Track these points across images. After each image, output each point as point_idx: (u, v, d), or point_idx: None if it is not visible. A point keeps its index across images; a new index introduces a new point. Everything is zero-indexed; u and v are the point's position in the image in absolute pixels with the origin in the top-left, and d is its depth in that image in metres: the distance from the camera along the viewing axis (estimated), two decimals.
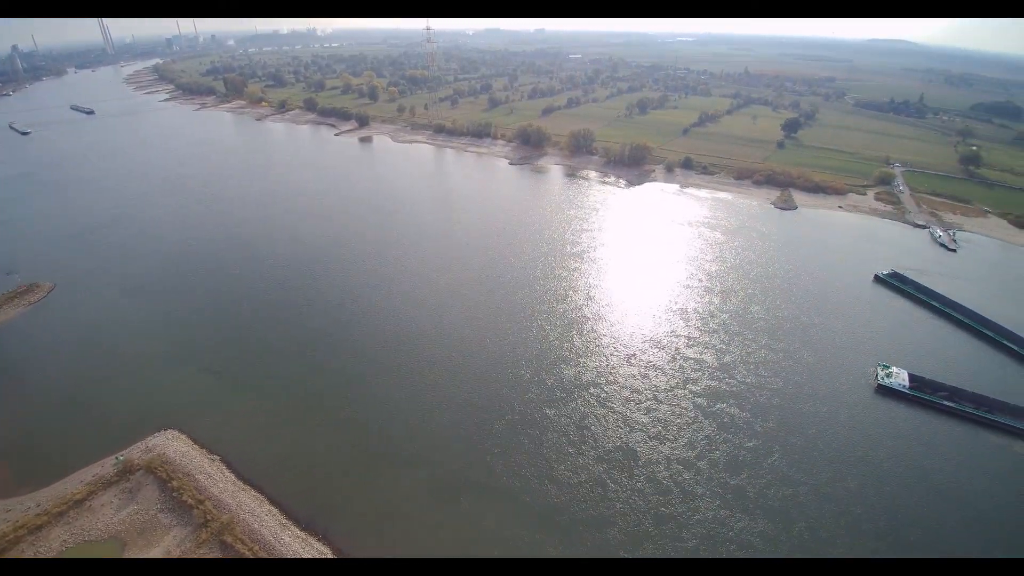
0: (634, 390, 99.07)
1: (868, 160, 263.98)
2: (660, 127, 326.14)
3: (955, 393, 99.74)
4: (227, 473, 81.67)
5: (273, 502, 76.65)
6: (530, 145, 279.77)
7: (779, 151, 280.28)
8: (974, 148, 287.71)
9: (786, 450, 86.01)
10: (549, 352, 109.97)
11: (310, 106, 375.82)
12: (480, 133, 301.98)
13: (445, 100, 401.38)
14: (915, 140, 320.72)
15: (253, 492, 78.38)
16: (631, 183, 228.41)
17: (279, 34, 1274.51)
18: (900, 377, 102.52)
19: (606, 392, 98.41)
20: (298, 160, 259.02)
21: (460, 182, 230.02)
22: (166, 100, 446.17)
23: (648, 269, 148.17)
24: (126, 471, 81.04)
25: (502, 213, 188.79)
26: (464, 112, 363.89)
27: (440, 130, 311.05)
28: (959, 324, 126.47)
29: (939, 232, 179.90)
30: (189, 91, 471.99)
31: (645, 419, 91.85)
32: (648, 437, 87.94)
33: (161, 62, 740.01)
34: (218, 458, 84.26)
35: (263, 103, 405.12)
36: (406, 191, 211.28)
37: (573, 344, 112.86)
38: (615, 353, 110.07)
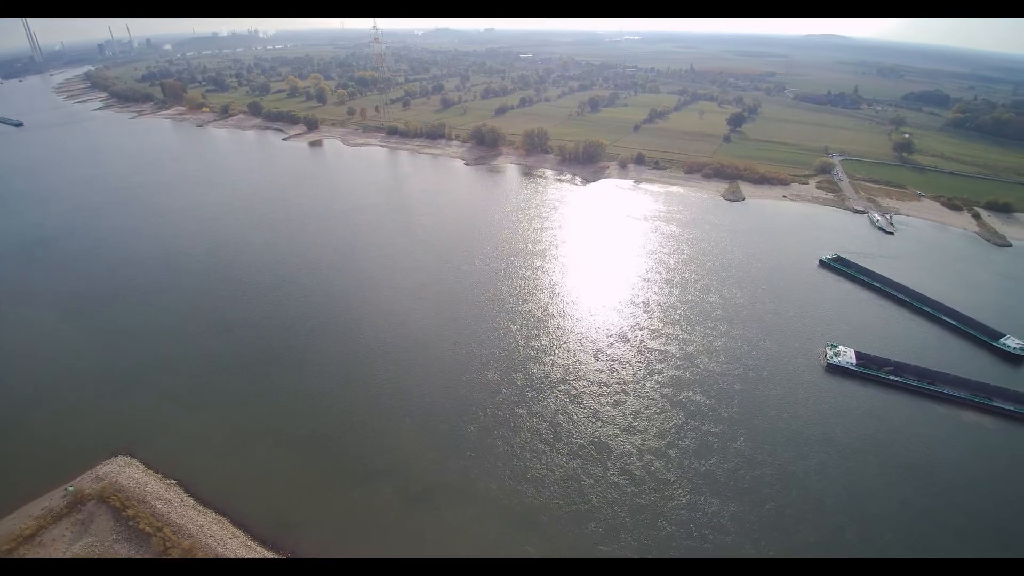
0: (603, 384, 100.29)
1: (809, 151, 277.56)
2: (612, 124, 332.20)
3: (899, 367, 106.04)
4: (185, 497, 77.59)
5: (237, 524, 73.26)
6: (485, 145, 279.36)
7: (726, 145, 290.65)
8: (906, 136, 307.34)
9: (750, 433, 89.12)
10: (517, 352, 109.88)
11: (255, 110, 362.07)
12: (434, 134, 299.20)
13: (397, 101, 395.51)
14: (851, 130, 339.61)
15: (215, 515, 74.71)
16: (587, 180, 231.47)
17: (219, 37, 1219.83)
18: (847, 355, 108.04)
19: (576, 388, 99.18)
20: (246, 167, 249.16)
21: (417, 184, 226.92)
22: (100, 109, 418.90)
23: (609, 264, 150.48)
24: (77, 502, 76.05)
25: (462, 214, 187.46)
26: (417, 113, 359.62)
27: (393, 132, 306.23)
28: (899, 302, 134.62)
29: (877, 216, 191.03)
30: (124, 99, 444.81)
31: (615, 412, 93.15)
32: (619, 430, 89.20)
33: (94, 69, 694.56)
34: (175, 482, 79.87)
35: (204, 109, 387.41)
36: (361, 195, 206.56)
37: (540, 342, 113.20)
38: (582, 349, 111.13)
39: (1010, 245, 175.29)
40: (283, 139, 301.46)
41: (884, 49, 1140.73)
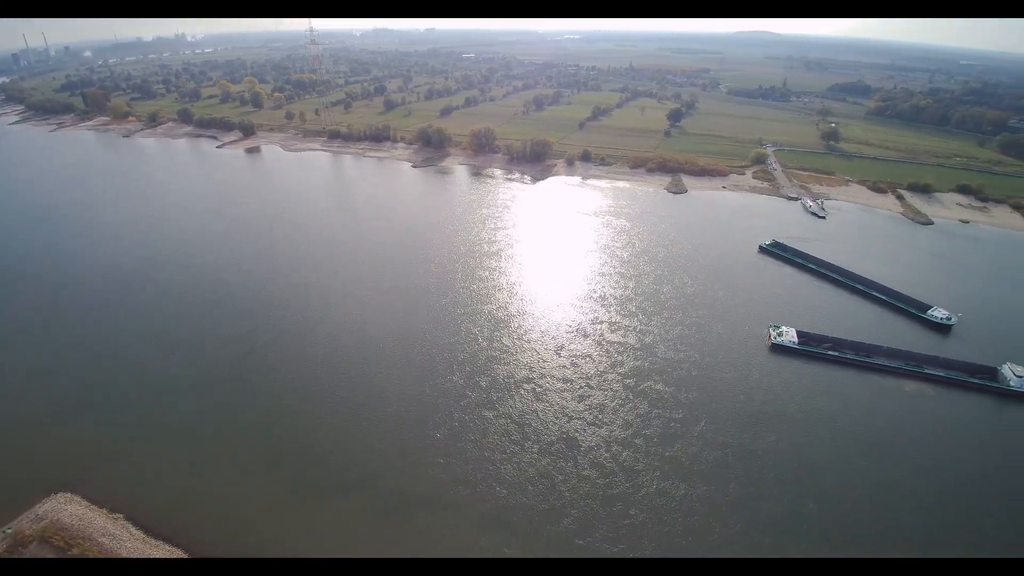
0: (567, 380, 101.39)
1: (744, 143, 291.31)
2: (557, 122, 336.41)
3: (837, 343, 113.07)
4: (134, 531, 72.47)
5: (193, 555, 69.04)
6: (432, 146, 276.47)
7: (667, 139, 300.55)
8: (833, 125, 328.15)
9: (710, 416, 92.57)
10: (480, 354, 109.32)
11: (186, 118, 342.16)
12: (379, 137, 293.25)
13: (337, 104, 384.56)
14: (782, 121, 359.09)
15: (168, 547, 70.12)
16: (536, 178, 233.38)
17: (143, 42, 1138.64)
18: (790, 335, 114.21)
19: (541, 386, 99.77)
20: (179, 177, 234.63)
21: (364, 188, 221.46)
22: (16, 123, 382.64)
23: (565, 261, 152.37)
24: (17, 544, 69.70)
25: (413, 217, 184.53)
26: (359, 116, 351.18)
27: (335, 136, 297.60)
28: (834, 282, 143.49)
29: (810, 202, 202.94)
30: (43, 110, 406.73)
31: (581, 407, 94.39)
32: (586, 424, 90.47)
33: (8, 80, 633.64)
34: (121, 516, 74.37)
35: (131, 118, 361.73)
36: (306, 202, 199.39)
37: (503, 343, 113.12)
38: (544, 346, 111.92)
39: (932, 223, 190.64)
40: (217, 147, 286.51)
41: (809, 44, 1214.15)
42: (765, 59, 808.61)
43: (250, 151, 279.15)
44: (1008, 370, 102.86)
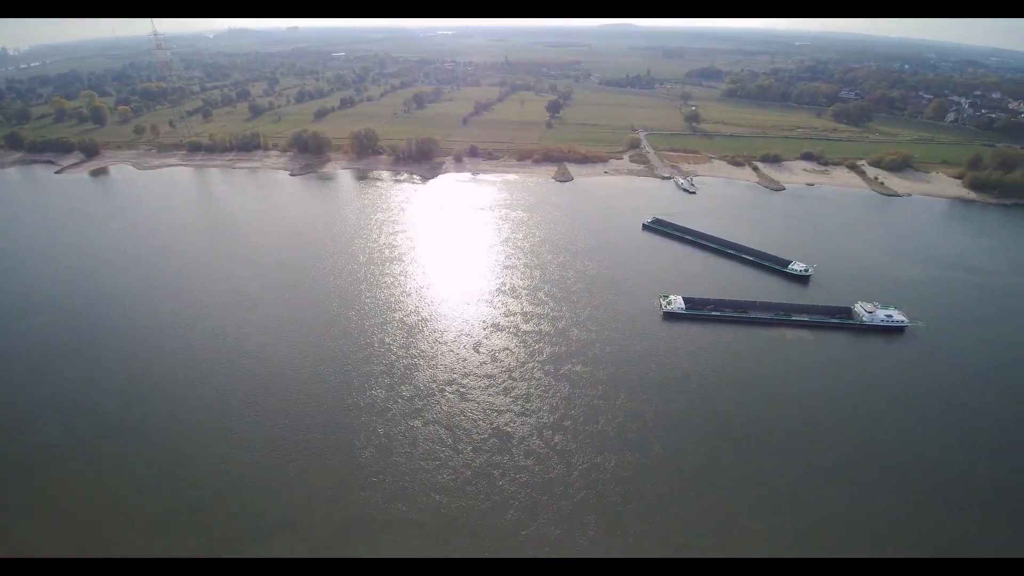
0: (489, 376, 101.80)
1: (618, 129, 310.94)
2: (440, 119, 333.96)
3: (719, 304, 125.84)
4: None
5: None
6: (310, 152, 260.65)
7: (549, 131, 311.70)
8: (693, 108, 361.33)
9: (628, 388, 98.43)
10: (397, 363, 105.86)
11: (14, 143, 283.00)
12: (248, 145, 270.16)
13: (195, 113, 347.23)
14: (650, 107, 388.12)
15: None
16: (426, 177, 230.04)
17: None
18: (677, 302, 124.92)
19: (464, 386, 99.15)
20: (7, 213, 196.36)
21: (239, 203, 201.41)
22: None
23: (469, 258, 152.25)
24: None
25: (301, 229, 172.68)
26: (222, 124, 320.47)
27: (196, 148, 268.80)
28: (710, 249, 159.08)
29: (681, 180, 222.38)
30: None
31: (507, 400, 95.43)
32: (515, 415, 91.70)
33: None
34: None
35: None
36: (172, 225, 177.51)
37: (419, 348, 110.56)
38: (462, 346, 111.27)
39: (784, 188, 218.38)
40: (56, 172, 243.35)
41: (667, 34, 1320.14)
42: (629, 50, 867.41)
43: (96, 174, 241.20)
44: (860, 308, 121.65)
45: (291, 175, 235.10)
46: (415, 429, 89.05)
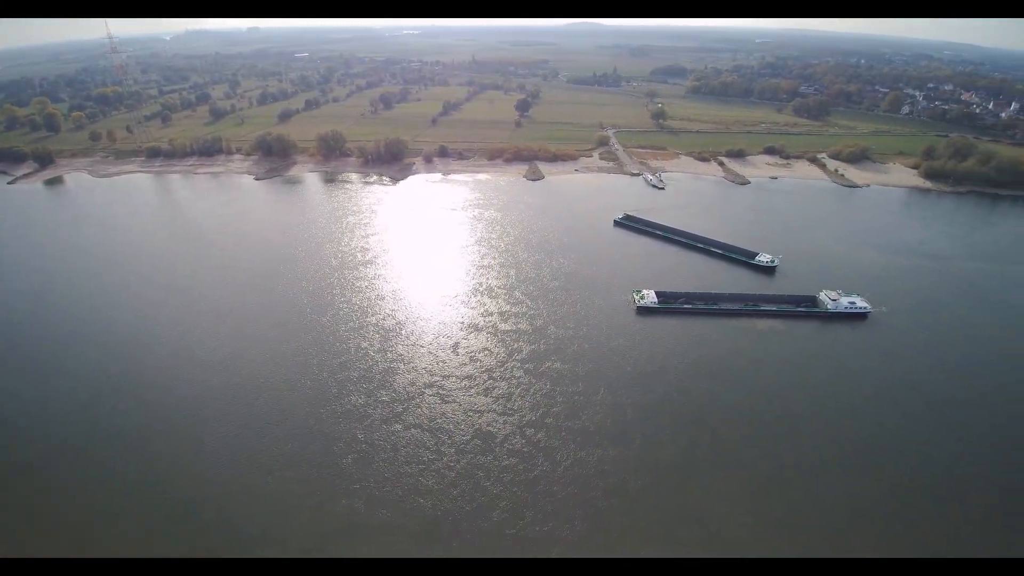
0: (469, 377, 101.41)
1: (587, 127, 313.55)
2: (408, 120, 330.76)
3: (690, 297, 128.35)
4: None
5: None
6: (275, 155, 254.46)
7: (518, 130, 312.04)
8: (660, 105, 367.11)
9: (607, 383, 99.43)
10: (375, 368, 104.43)
11: None
12: (210, 150, 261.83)
13: (153, 118, 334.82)
14: (617, 105, 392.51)
15: None
16: (396, 179, 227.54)
17: None
18: (650, 296, 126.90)
19: (445, 388, 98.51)
20: None
21: (203, 209, 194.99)
22: None
23: (444, 259, 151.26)
24: None
25: (270, 234, 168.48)
26: (182, 129, 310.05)
27: (155, 154, 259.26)
28: (680, 244, 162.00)
29: (650, 176, 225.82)
30: None
31: (489, 400, 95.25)
32: (497, 415, 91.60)
33: None
34: None
35: None
36: (133, 233, 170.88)
37: (397, 352, 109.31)
38: (441, 347, 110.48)
39: (749, 182, 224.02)
40: (9, 183, 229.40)
41: (631, 32, 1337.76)
42: (595, 48, 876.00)
43: (51, 183, 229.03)
44: (824, 296, 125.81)
45: (256, 179, 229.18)
46: (396, 434, 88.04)
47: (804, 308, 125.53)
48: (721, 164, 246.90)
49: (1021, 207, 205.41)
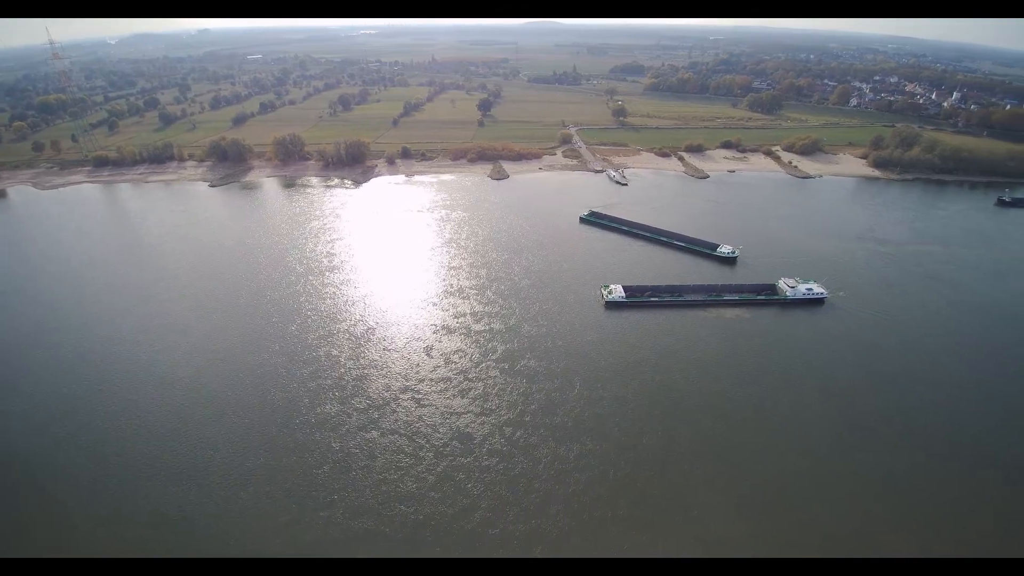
0: (445, 379, 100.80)
1: (550, 125, 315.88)
2: (369, 121, 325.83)
3: (656, 290, 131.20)
4: None
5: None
6: (230, 161, 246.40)
7: (481, 129, 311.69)
8: (620, 102, 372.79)
9: (583, 379, 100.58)
10: (347, 376, 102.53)
11: None
12: (160, 157, 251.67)
13: (100, 126, 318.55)
14: (578, 103, 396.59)
15: None
16: (358, 181, 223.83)
17: None
18: (618, 291, 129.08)
19: (420, 392, 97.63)
20: None
21: (157, 220, 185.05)
22: None
23: (413, 261, 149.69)
24: None
25: (229, 243, 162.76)
26: (131, 136, 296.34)
27: (103, 163, 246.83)
28: (644, 238, 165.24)
29: (613, 173, 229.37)
30: None
31: (465, 401, 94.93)
32: (475, 416, 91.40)
33: None
34: None
35: None
36: (83, 248, 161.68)
37: (369, 358, 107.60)
38: (414, 351, 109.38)
39: (708, 176, 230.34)
40: None
41: (589, 30, 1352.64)
42: (555, 47, 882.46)
43: None
44: (783, 283, 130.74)
45: (211, 186, 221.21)
46: (372, 441, 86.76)
47: (764, 296, 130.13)
48: (681, 159, 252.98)
49: (965, 192, 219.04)
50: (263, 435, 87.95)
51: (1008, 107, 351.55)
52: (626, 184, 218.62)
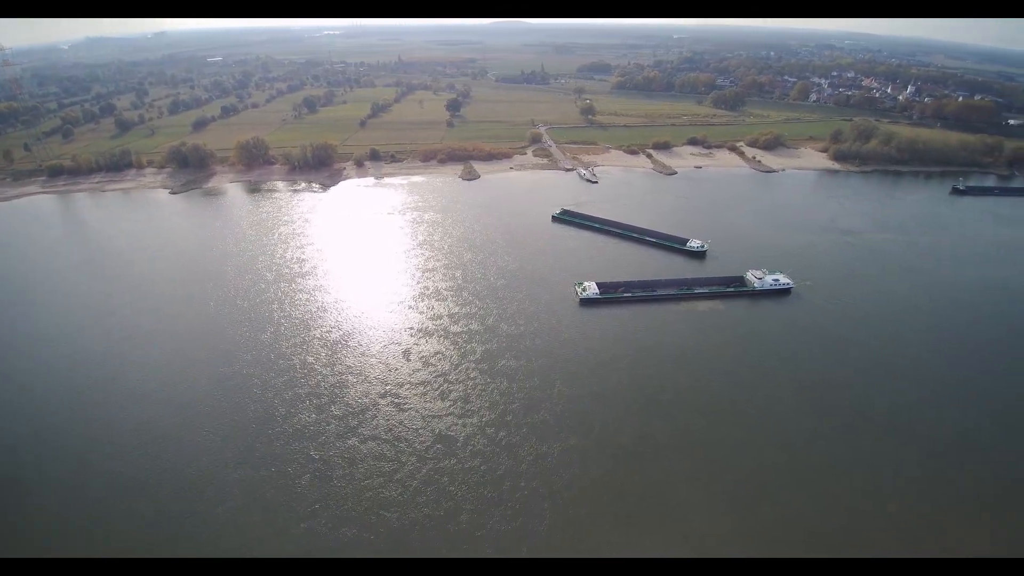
0: (424, 383, 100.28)
1: (519, 125, 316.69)
2: (335, 124, 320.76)
3: (629, 286, 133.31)
4: None
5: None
6: (191, 167, 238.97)
7: (451, 129, 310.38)
8: (588, 101, 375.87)
9: (563, 376, 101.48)
10: (323, 383, 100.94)
11: None
12: (118, 165, 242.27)
13: (53, 134, 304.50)
14: (547, 103, 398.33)
15: None
16: (326, 185, 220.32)
17: None
18: (592, 288, 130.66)
19: (400, 396, 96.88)
20: None
21: (115, 229, 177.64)
22: None
23: (387, 265, 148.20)
24: None
25: (194, 251, 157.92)
26: (86, 144, 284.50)
27: (58, 172, 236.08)
28: (616, 235, 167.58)
29: (583, 171, 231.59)
30: None
31: (446, 404, 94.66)
32: (456, 418, 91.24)
33: None
34: None
35: None
36: (39, 262, 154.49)
37: (346, 364, 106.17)
38: (391, 355, 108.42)
39: (676, 172, 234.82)
40: None
41: (555, 29, 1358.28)
42: (522, 46, 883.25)
43: None
44: (751, 275, 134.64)
45: (172, 193, 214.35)
46: (353, 448, 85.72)
47: (734, 288, 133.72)
48: (649, 156, 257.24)
49: (921, 182, 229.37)
50: (240, 446, 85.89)
51: (960, 99, 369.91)
52: (596, 182, 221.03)
